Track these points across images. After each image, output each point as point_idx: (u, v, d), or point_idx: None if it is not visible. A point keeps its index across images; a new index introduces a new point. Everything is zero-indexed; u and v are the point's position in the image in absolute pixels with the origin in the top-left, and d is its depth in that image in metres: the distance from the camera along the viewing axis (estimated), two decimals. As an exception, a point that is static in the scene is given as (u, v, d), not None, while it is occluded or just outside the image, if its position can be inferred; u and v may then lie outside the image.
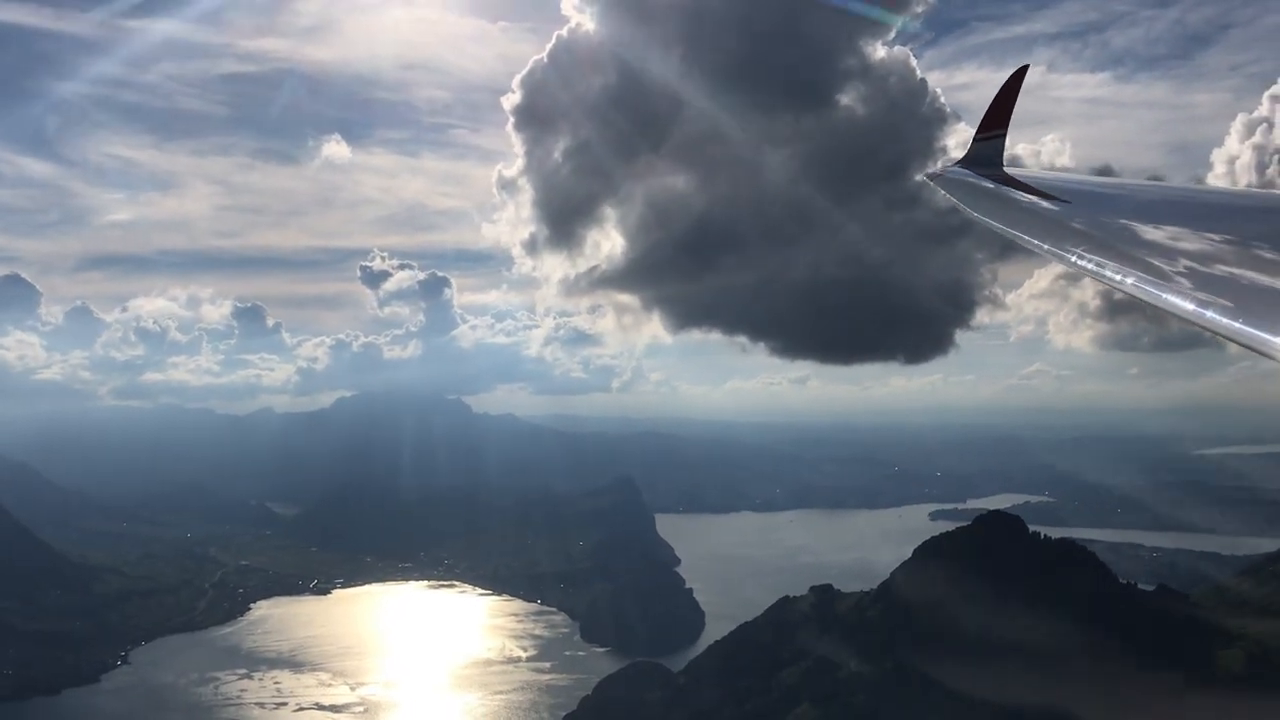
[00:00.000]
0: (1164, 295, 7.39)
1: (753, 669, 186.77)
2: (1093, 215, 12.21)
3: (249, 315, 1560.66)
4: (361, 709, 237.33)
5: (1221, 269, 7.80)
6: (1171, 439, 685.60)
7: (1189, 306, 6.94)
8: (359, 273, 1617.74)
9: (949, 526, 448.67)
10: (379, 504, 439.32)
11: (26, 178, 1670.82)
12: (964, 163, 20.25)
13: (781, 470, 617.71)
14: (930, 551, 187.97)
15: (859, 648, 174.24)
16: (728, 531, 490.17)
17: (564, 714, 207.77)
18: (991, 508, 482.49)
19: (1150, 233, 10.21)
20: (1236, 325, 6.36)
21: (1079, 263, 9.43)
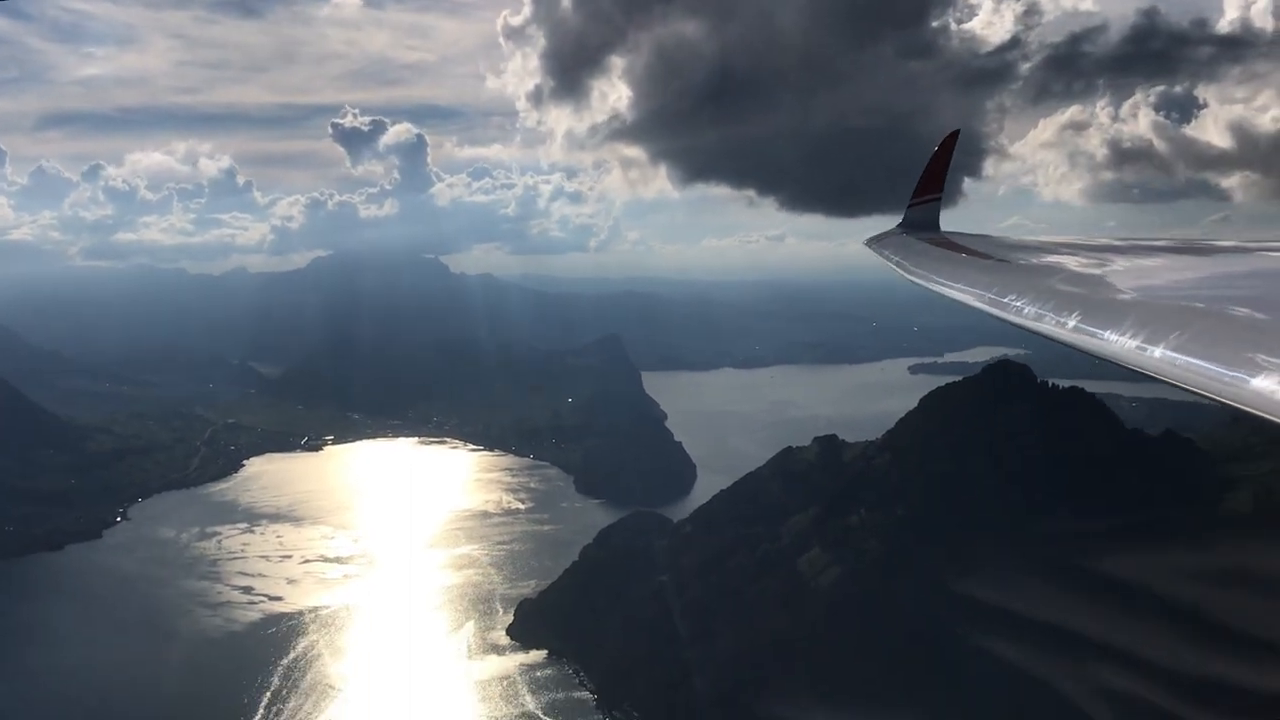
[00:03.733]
0: (1105, 335, 7.54)
1: (760, 517, 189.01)
2: (1028, 272, 12.78)
3: (218, 173, 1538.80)
4: (366, 560, 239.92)
5: (1161, 315, 7.77)
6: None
7: (1131, 345, 7.11)
8: (330, 130, 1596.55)
9: (929, 380, 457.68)
10: (363, 363, 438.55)
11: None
12: (902, 226, 21.67)
13: (761, 327, 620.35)
14: (937, 400, 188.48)
15: (867, 496, 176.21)
16: (711, 387, 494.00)
17: (570, 562, 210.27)
18: (970, 360, 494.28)
19: (1086, 283, 10.53)
20: (1185, 360, 6.58)
21: (1016, 319, 9.68)
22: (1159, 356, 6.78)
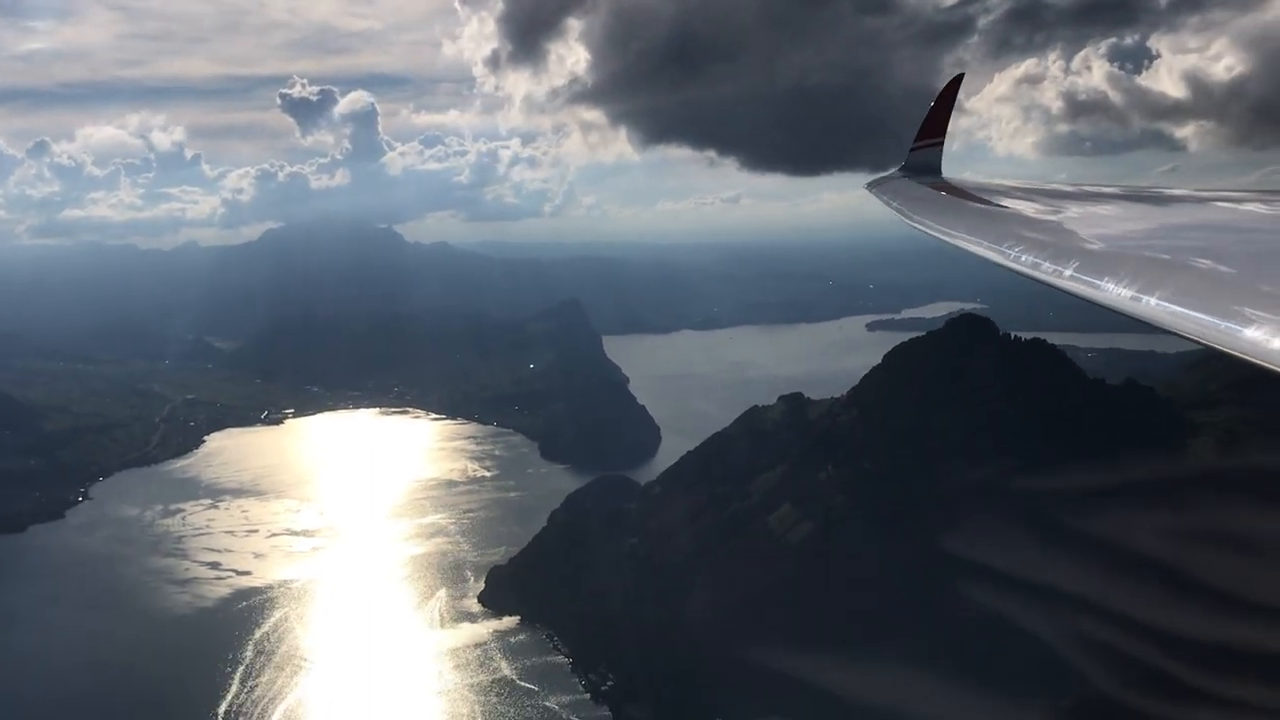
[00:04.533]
0: (1101, 285, 7.79)
1: (729, 477, 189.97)
2: (1027, 218, 12.99)
3: (166, 147, 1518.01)
4: (333, 532, 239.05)
5: (1154, 262, 8.09)
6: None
7: (1125, 294, 7.33)
8: (279, 100, 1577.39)
9: (887, 336, 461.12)
10: (320, 334, 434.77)
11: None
12: (903, 170, 21.68)
13: (718, 288, 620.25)
14: (901, 356, 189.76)
15: (834, 452, 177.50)
16: (671, 350, 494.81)
17: (539, 528, 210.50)
18: (928, 316, 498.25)
19: (1083, 231, 10.79)
20: (1175, 309, 6.75)
21: (1013, 264, 9.96)
22: (1154, 305, 6.97)
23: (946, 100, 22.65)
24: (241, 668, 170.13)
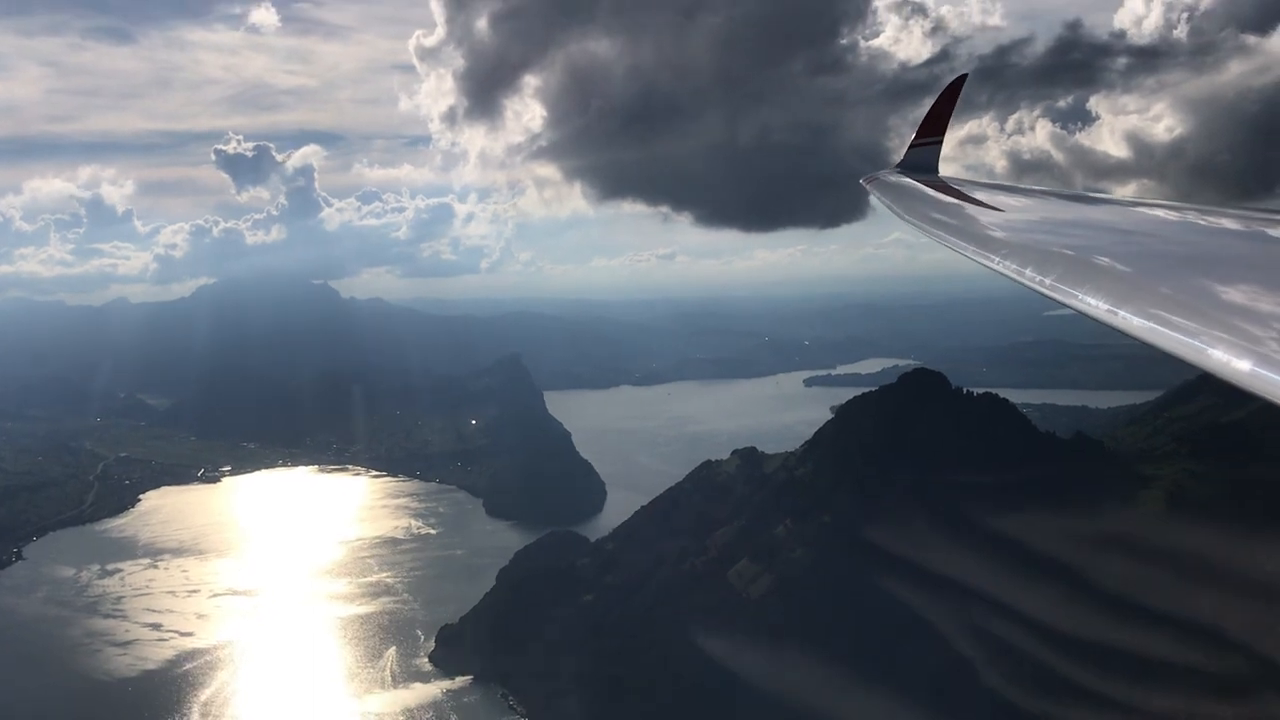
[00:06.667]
0: (1080, 297, 7.82)
1: (685, 531, 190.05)
2: (1023, 222, 13.00)
3: (95, 203, 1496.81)
4: (277, 592, 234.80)
5: (1138, 276, 8.18)
6: (1020, 301, 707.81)
7: (1102, 307, 7.37)
8: (213, 156, 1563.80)
9: (825, 392, 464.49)
10: (255, 391, 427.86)
11: None
12: (900, 167, 21.35)
13: (656, 344, 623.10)
14: (855, 410, 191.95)
15: (791, 507, 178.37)
16: (611, 405, 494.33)
17: (489, 585, 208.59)
18: (863, 372, 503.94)
19: (1076, 241, 10.92)
20: (1149, 327, 6.73)
21: (999, 269, 9.89)
22: (1129, 318, 6.97)
23: (948, 99, 22.45)
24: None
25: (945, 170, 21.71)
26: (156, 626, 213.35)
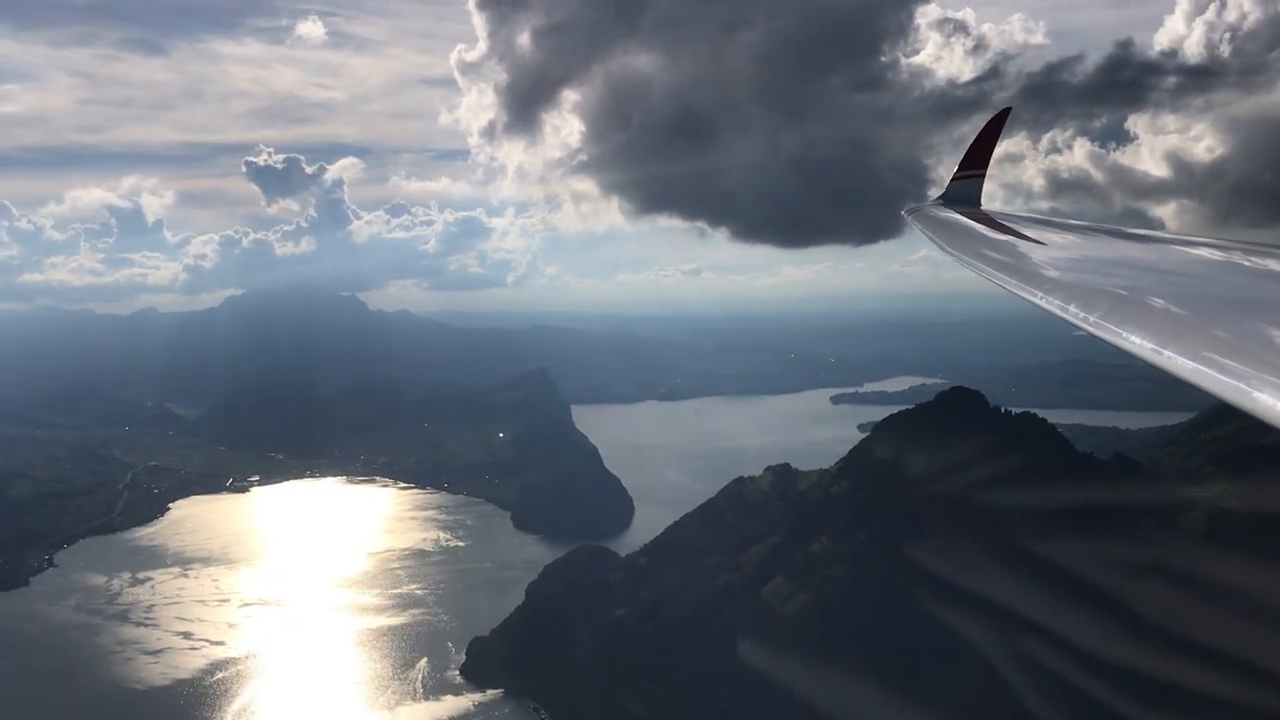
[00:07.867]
0: (1124, 335, 7.74)
1: (717, 547, 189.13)
2: (1065, 260, 13.03)
3: (125, 212, 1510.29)
4: (308, 602, 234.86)
5: (1182, 314, 8.05)
6: (1046, 320, 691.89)
7: (1147, 346, 7.26)
8: (244, 168, 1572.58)
9: (852, 409, 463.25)
10: (284, 402, 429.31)
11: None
12: (943, 199, 21.62)
13: (681, 360, 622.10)
14: (892, 427, 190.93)
15: (827, 524, 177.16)
16: (638, 420, 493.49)
17: (519, 599, 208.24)
18: (891, 390, 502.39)
19: (1119, 279, 10.86)
20: (1192, 366, 6.59)
21: (1043, 304, 9.94)
22: (1174, 357, 6.84)
23: (991, 133, 22.77)
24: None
25: (986, 191, 21.93)
26: (188, 635, 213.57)
